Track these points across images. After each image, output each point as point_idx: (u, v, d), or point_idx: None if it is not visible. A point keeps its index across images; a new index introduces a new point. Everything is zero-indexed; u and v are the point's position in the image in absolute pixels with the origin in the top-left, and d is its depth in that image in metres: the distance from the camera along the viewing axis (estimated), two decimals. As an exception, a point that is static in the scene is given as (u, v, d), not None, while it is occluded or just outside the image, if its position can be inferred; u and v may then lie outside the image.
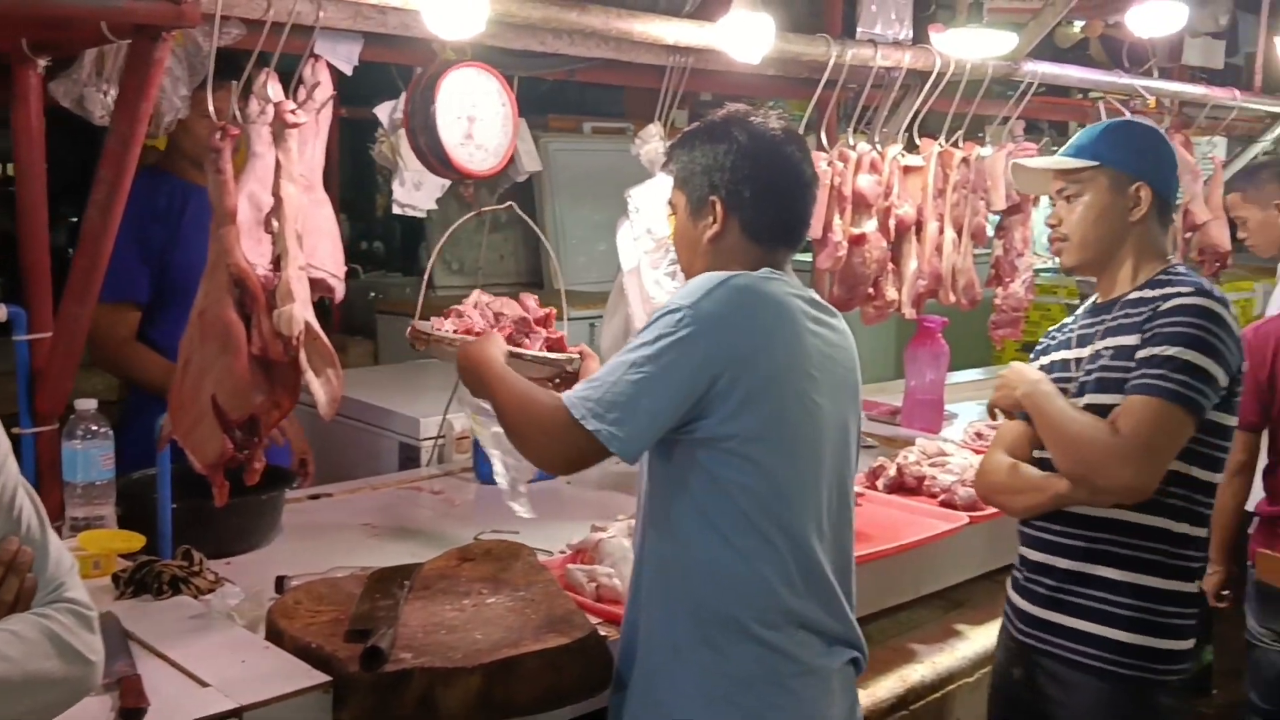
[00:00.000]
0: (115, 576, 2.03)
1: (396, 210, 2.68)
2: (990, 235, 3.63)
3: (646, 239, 2.73)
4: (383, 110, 2.60)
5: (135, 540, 2.13)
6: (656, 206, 2.76)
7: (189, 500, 2.20)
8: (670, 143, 2.00)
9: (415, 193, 2.65)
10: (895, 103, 3.38)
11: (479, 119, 2.46)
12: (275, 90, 2.14)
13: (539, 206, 5.27)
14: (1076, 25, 4.94)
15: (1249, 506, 3.00)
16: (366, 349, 4.90)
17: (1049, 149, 5.95)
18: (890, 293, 3.32)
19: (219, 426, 2.03)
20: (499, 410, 1.88)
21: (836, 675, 1.82)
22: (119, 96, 2.11)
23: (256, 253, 2.10)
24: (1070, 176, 2.19)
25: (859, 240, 3.18)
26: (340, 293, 2.32)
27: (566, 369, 2.22)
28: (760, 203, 1.85)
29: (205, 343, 2.05)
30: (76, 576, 1.40)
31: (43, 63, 2.24)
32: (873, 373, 3.42)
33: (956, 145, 3.45)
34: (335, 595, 1.96)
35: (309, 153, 2.24)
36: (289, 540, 2.43)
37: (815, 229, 3.08)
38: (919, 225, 3.36)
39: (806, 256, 3.31)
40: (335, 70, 2.37)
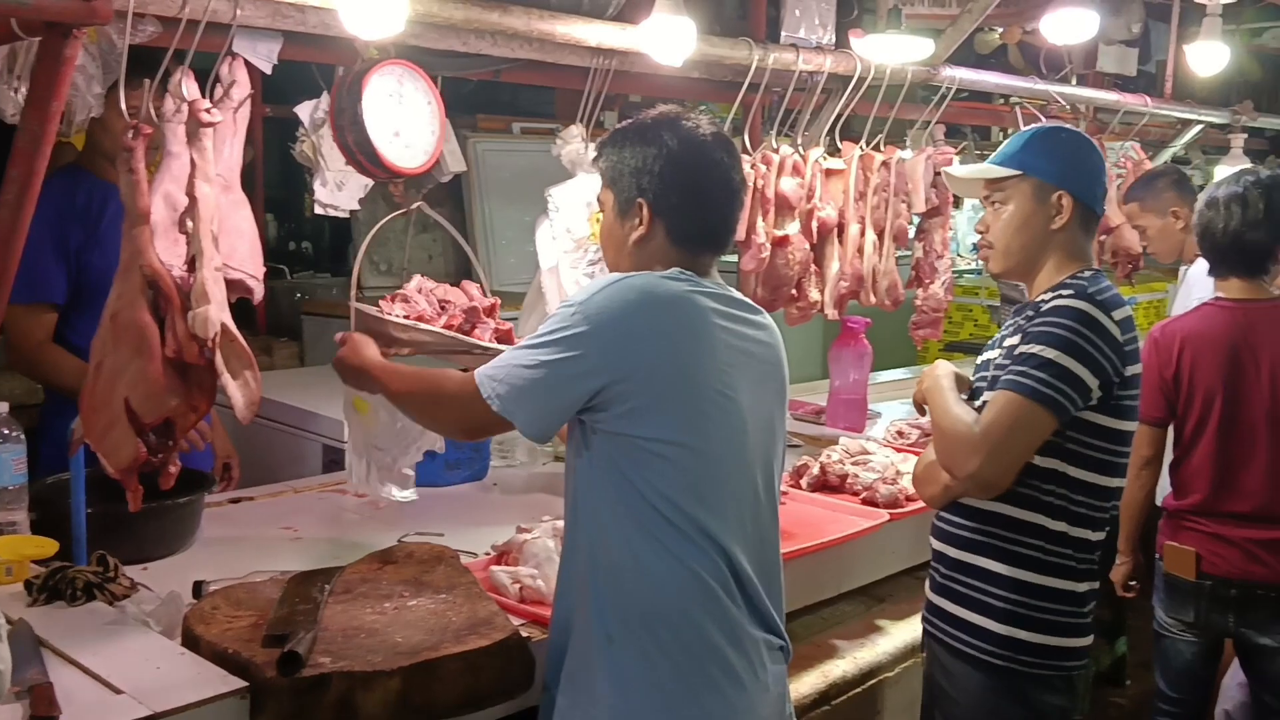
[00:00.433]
0: (28, 583, 1.99)
1: (318, 210, 2.65)
2: (911, 237, 3.69)
3: (565, 238, 2.75)
4: (304, 109, 2.57)
5: (48, 546, 2.09)
6: (576, 206, 2.78)
7: (104, 505, 2.16)
8: (601, 139, 2.00)
9: (337, 193, 2.63)
10: (818, 106, 3.43)
11: (407, 117, 2.45)
12: (190, 88, 2.11)
13: (468, 207, 5.25)
14: (996, 32, 5.05)
15: (1157, 501, 3.09)
16: (292, 351, 4.84)
17: (973, 153, 6.09)
18: (813, 294, 3.36)
19: (132, 430, 2.00)
20: (398, 395, 1.96)
21: (765, 667, 1.85)
22: (29, 94, 2.06)
23: (172, 253, 2.08)
24: (996, 185, 2.25)
25: (782, 242, 3.22)
26: (259, 294, 2.30)
27: None
28: (687, 209, 1.87)
29: (118, 345, 2.01)
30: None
31: (-49, 60, 2.19)
32: (801, 373, 3.46)
33: (878, 149, 3.50)
34: (253, 600, 1.95)
35: (227, 152, 2.21)
36: (209, 545, 2.40)
37: (739, 231, 3.11)
38: (841, 227, 3.41)
39: (733, 258, 3.34)
40: (259, 70, 2.35)
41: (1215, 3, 4.59)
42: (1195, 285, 3.66)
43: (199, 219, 2.05)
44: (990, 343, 2.33)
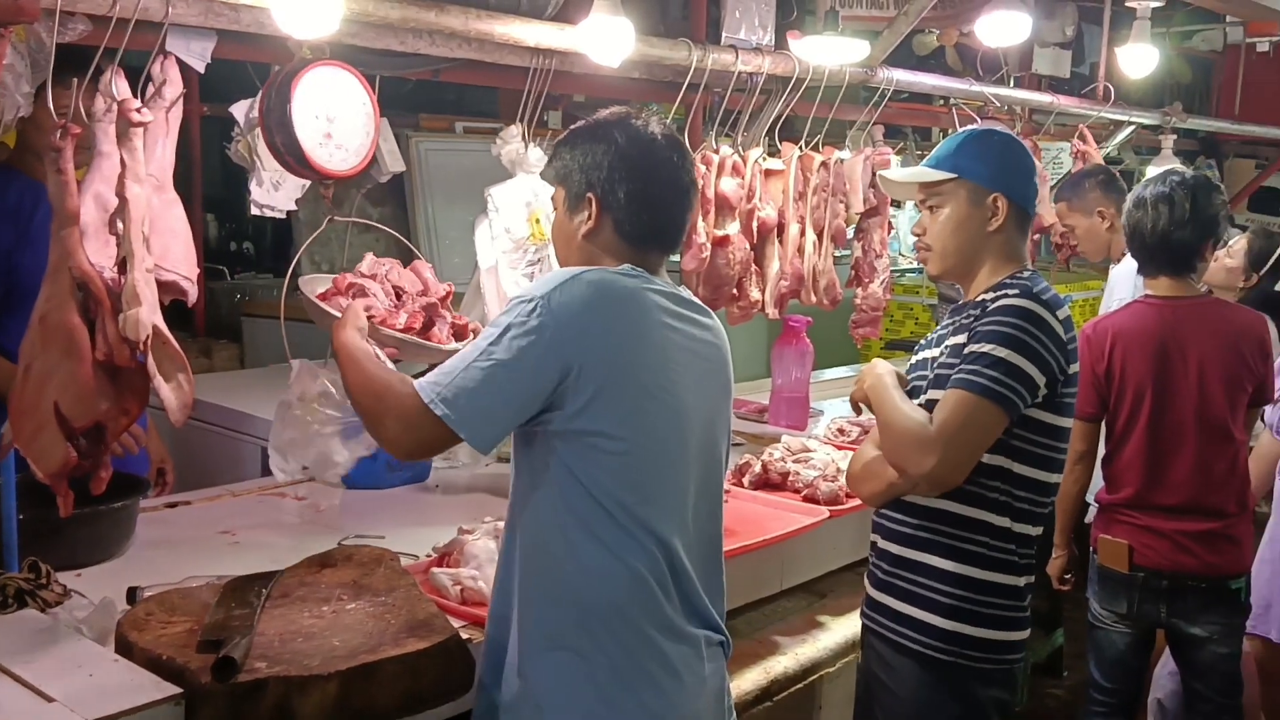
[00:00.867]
0: (-44, 592, 1.95)
1: (255, 211, 2.63)
2: (850, 237, 3.73)
3: (505, 238, 2.74)
4: (239, 109, 2.54)
5: (-23, 554, 2.05)
6: (516, 206, 2.78)
7: (36, 510, 2.12)
8: (558, 139, 2.01)
9: (274, 193, 2.60)
10: (757, 107, 3.45)
11: (338, 118, 2.42)
12: (121, 87, 2.08)
13: (410, 206, 5.22)
14: (934, 34, 5.12)
15: (1089, 496, 3.15)
16: (232, 353, 4.79)
17: (913, 152, 6.16)
18: (754, 293, 3.39)
19: (62, 435, 1.96)
20: (350, 391, 1.90)
21: (703, 661, 1.87)
22: (-45, 93, 2.03)
23: (103, 255, 2.05)
24: (931, 188, 2.27)
25: (722, 242, 3.24)
26: (194, 296, 2.27)
27: None
28: (634, 205, 1.88)
29: (47, 348, 1.98)
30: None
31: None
32: (744, 371, 3.48)
33: (816, 149, 3.54)
34: (189, 605, 1.92)
35: (159, 152, 2.18)
36: (144, 550, 2.37)
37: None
38: (780, 227, 3.44)
39: (675, 257, 3.36)
40: (193, 69, 2.32)
41: (1145, 6, 4.70)
42: (1117, 285, 3.75)
43: (130, 220, 2.02)
44: (925, 341, 2.35)
